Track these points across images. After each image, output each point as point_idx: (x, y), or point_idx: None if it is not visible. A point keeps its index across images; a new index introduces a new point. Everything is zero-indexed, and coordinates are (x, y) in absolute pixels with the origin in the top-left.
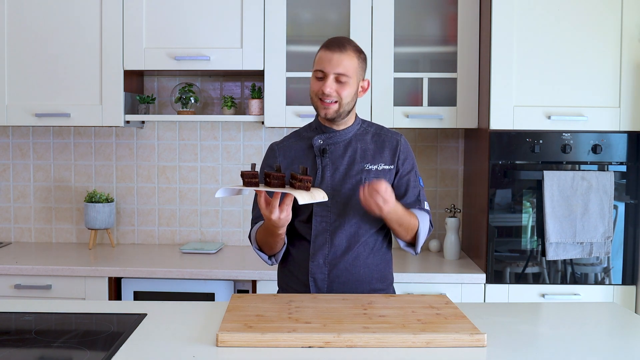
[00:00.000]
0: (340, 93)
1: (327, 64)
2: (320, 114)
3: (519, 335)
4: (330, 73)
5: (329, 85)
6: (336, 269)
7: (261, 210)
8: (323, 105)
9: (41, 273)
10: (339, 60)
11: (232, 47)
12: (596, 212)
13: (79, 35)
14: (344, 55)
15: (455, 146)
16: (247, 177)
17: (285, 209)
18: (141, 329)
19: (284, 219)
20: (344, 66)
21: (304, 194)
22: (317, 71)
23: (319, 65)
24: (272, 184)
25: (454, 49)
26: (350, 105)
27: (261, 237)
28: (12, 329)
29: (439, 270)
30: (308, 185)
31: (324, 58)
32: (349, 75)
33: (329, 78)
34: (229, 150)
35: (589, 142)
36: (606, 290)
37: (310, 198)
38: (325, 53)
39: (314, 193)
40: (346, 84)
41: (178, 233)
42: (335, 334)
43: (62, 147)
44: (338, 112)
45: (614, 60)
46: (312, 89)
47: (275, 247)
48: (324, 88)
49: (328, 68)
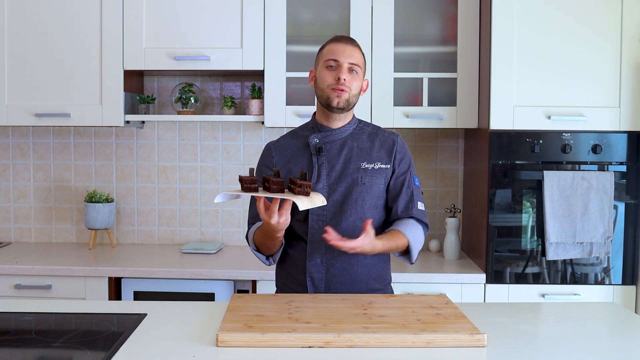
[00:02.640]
0: (351, 83)
1: (341, 54)
2: (332, 103)
3: (519, 335)
4: (344, 62)
5: (344, 72)
6: (333, 268)
7: (260, 215)
8: (336, 93)
9: (41, 273)
10: (352, 51)
11: (232, 47)
12: (596, 212)
13: (79, 35)
14: (355, 49)
15: (455, 146)
16: (247, 182)
17: (284, 214)
18: (141, 329)
19: (282, 223)
20: (356, 58)
21: (304, 200)
22: (329, 60)
23: (331, 55)
24: (272, 189)
25: (454, 49)
26: (356, 98)
27: (259, 239)
28: (12, 329)
29: (438, 270)
30: (308, 190)
31: (336, 49)
32: (360, 67)
33: (343, 66)
34: (229, 150)
35: (589, 142)
36: (606, 290)
37: (310, 203)
38: (337, 45)
39: (314, 198)
40: (357, 75)
41: (178, 233)
42: (335, 334)
43: (62, 147)
44: (348, 102)
45: (614, 60)
46: (322, 80)
47: (273, 249)
48: (340, 74)
49: (342, 57)
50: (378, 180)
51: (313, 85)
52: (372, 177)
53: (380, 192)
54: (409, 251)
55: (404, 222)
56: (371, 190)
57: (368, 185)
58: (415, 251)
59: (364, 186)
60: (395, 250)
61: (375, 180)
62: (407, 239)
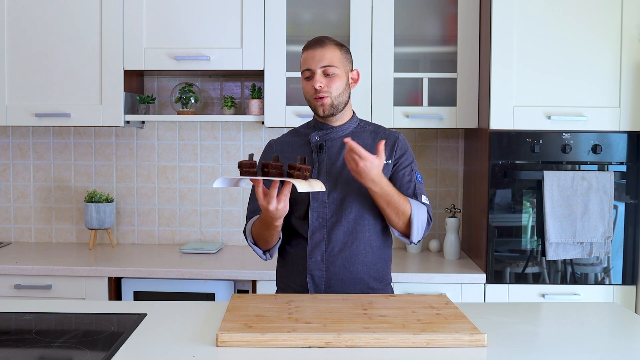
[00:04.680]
0: (329, 87)
1: (311, 61)
2: (318, 113)
3: (519, 335)
4: (316, 69)
5: (318, 80)
6: (334, 266)
7: (259, 201)
8: (318, 102)
9: (41, 273)
10: (321, 54)
11: (232, 47)
12: (596, 212)
13: (79, 35)
14: (325, 49)
15: (455, 146)
16: (245, 166)
17: (283, 200)
18: (141, 329)
19: (281, 210)
20: (327, 58)
21: (303, 183)
22: (304, 71)
23: (304, 65)
24: (271, 173)
25: (454, 49)
26: (343, 97)
27: (257, 230)
28: (12, 329)
29: (438, 270)
30: (307, 174)
31: (307, 57)
32: (335, 66)
33: (316, 74)
34: (229, 150)
35: (589, 142)
36: (606, 290)
37: (308, 187)
38: (307, 52)
39: (312, 183)
40: (334, 76)
41: (178, 233)
42: (335, 334)
43: (62, 147)
44: (333, 106)
45: (614, 60)
46: (304, 91)
47: (271, 241)
48: (314, 84)
49: (312, 64)
50: None
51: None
52: None
53: None
54: (409, 226)
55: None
56: None
57: None
58: (415, 226)
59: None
60: (396, 206)
61: None
62: (410, 208)
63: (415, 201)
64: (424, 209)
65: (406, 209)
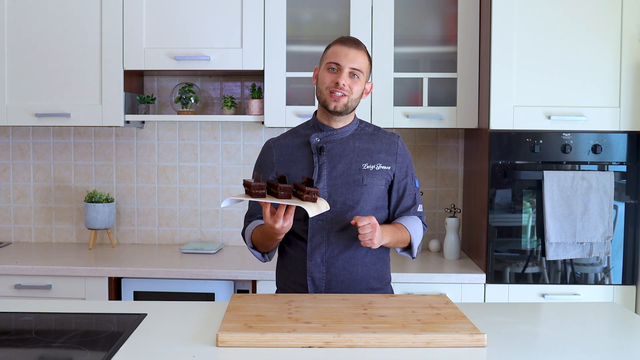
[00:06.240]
0: (352, 87)
1: (344, 58)
2: (329, 107)
3: (519, 335)
4: (345, 66)
5: (344, 77)
6: (334, 267)
7: (265, 219)
8: (333, 97)
9: (41, 273)
10: (355, 55)
11: (232, 47)
12: (596, 212)
13: (78, 35)
14: (360, 53)
15: (455, 146)
16: (255, 188)
17: (289, 218)
18: (141, 329)
19: (286, 227)
20: (359, 62)
21: (312, 207)
22: (330, 63)
23: (333, 58)
24: (280, 195)
25: (454, 49)
26: (356, 102)
27: (257, 239)
28: (12, 329)
29: (438, 270)
30: (315, 197)
31: (339, 52)
32: (362, 72)
33: (344, 71)
34: (229, 150)
35: (589, 142)
36: (606, 290)
37: (317, 210)
38: (342, 48)
39: (320, 204)
40: (358, 80)
41: (178, 233)
42: (335, 334)
43: (62, 147)
44: (346, 106)
45: (614, 60)
46: (322, 81)
47: (271, 247)
48: (339, 79)
49: (344, 61)
50: (379, 182)
51: (315, 83)
52: (373, 178)
53: (381, 193)
54: (411, 246)
55: (406, 217)
56: (372, 191)
57: (369, 186)
58: (415, 245)
59: (365, 187)
60: (401, 242)
61: (376, 182)
62: (409, 234)
63: (410, 219)
64: (419, 224)
65: (407, 238)
